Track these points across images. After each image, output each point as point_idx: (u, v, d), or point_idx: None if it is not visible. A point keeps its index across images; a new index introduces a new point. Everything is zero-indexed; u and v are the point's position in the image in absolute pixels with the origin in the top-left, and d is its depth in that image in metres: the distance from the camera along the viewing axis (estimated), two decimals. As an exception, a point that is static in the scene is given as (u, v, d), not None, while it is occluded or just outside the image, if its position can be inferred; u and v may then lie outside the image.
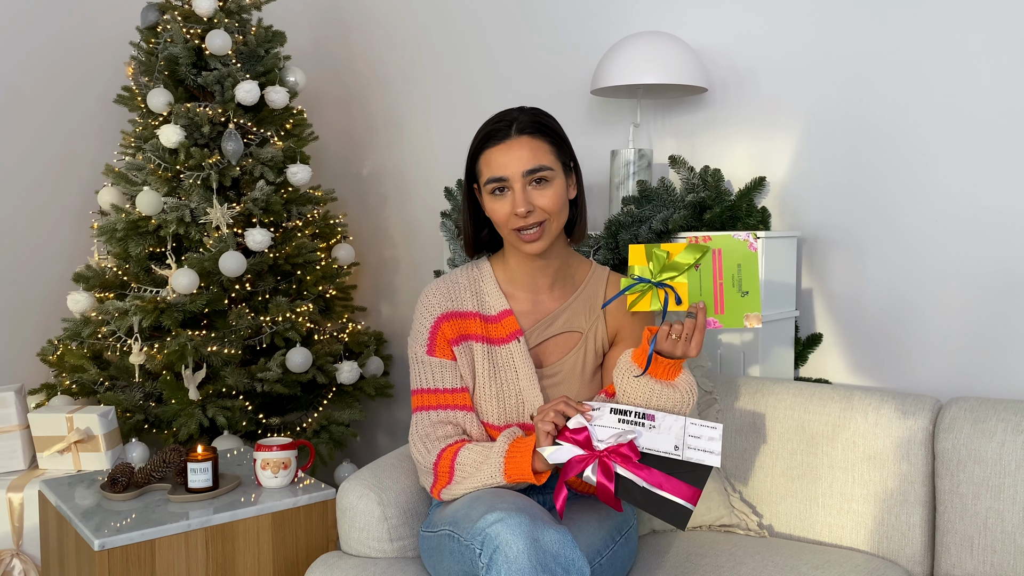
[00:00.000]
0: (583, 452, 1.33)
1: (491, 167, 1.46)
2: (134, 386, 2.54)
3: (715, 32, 2.21)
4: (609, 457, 1.33)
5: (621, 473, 1.34)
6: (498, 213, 1.47)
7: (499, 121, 1.48)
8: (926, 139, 1.89)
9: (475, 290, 1.57)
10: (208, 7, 2.59)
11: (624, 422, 1.37)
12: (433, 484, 1.48)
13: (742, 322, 1.37)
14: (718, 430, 1.35)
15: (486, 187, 1.47)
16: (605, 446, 1.34)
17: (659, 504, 1.33)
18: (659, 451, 1.35)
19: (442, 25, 2.89)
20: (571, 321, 1.56)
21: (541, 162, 1.45)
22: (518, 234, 1.46)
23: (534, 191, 1.45)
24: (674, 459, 1.34)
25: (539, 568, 1.18)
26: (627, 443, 1.34)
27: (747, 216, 2.03)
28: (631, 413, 1.37)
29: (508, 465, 1.38)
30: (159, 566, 1.64)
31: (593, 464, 1.33)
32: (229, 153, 2.53)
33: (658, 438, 1.35)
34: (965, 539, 1.54)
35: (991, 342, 1.82)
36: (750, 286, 1.37)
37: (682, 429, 1.36)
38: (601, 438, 1.35)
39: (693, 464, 1.34)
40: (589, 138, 2.48)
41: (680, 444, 1.35)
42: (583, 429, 1.35)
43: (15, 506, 2.19)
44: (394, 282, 3.12)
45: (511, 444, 1.40)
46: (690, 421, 1.36)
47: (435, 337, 1.53)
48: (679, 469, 1.34)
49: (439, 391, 1.51)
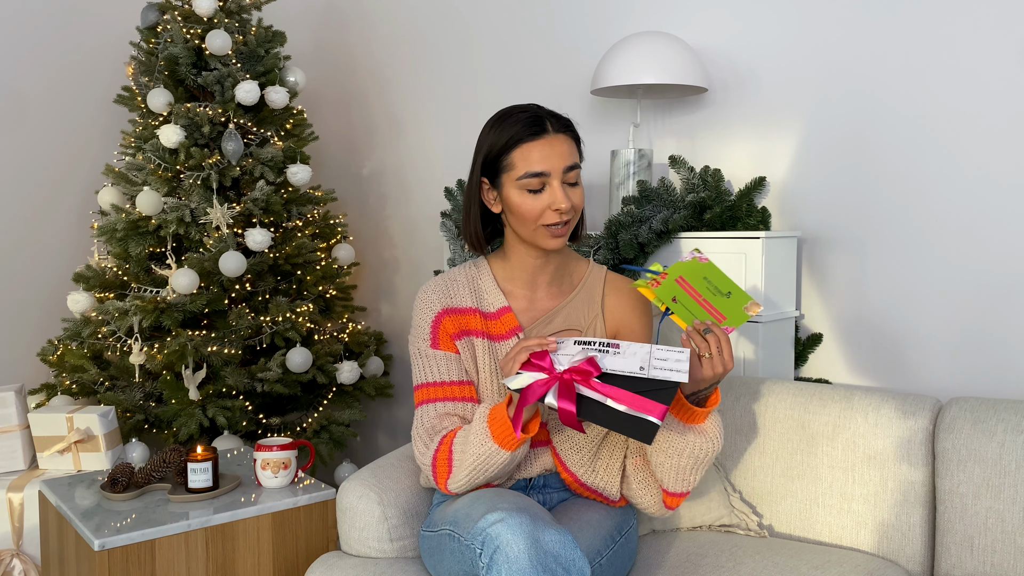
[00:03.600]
0: (544, 376, 1.31)
1: (530, 161, 1.45)
2: (134, 386, 2.54)
3: (715, 32, 2.21)
4: (570, 376, 1.31)
5: (584, 393, 1.30)
6: (530, 208, 1.46)
7: (530, 117, 1.47)
8: (926, 139, 1.89)
9: (473, 287, 1.56)
10: (208, 7, 2.59)
11: (587, 348, 1.34)
12: (436, 478, 1.46)
13: (746, 315, 1.39)
14: (685, 353, 1.31)
15: (520, 181, 1.45)
16: (565, 368, 1.32)
17: (623, 421, 1.29)
18: (623, 371, 1.31)
19: (442, 25, 2.89)
20: (570, 319, 1.56)
21: (576, 160, 1.49)
22: (549, 229, 1.46)
23: (569, 190, 1.47)
24: (639, 378, 1.30)
25: (539, 568, 1.18)
26: (587, 359, 1.31)
27: (747, 216, 2.02)
28: (595, 342, 1.35)
29: (492, 428, 1.37)
30: (159, 566, 1.64)
31: (553, 388, 1.30)
32: (229, 153, 2.53)
33: (623, 361, 1.32)
34: (965, 539, 1.54)
35: (991, 342, 1.83)
36: (727, 287, 1.40)
37: (648, 354, 1.32)
38: (563, 364, 1.33)
39: (659, 382, 1.30)
40: (589, 138, 2.48)
41: (646, 365, 1.31)
42: (544, 354, 1.33)
43: (15, 506, 2.19)
44: (394, 282, 3.12)
45: (491, 409, 1.39)
46: (656, 347, 1.33)
47: (437, 330, 1.53)
48: (643, 386, 1.30)
49: (444, 384, 1.51)
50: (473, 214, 1.55)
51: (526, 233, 1.49)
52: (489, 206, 1.53)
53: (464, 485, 1.42)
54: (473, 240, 1.57)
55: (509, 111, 1.50)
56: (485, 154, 1.50)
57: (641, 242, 1.98)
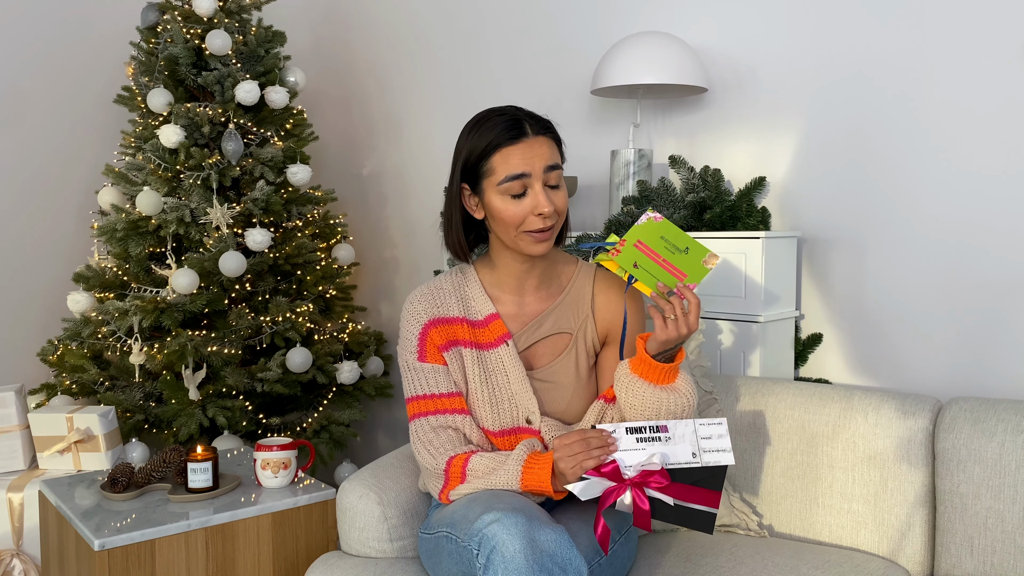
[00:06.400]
0: (614, 483, 1.34)
1: (510, 164, 1.41)
2: (134, 386, 2.54)
3: (715, 32, 2.21)
4: (643, 483, 1.34)
5: (652, 495, 1.35)
6: (512, 213, 1.42)
7: (507, 120, 1.43)
8: (926, 139, 1.89)
9: (460, 295, 1.54)
10: (208, 7, 2.59)
11: (642, 440, 1.38)
12: (443, 488, 1.45)
13: (705, 269, 1.40)
14: (724, 425, 1.39)
15: (501, 186, 1.42)
16: (634, 472, 1.35)
17: (688, 515, 1.36)
18: (680, 463, 1.37)
19: (442, 25, 2.89)
20: (560, 323, 1.54)
21: (556, 160, 1.45)
22: (532, 235, 1.43)
23: (551, 193, 1.44)
24: (693, 467, 1.37)
25: (536, 568, 1.18)
26: (659, 470, 1.34)
27: (747, 216, 2.02)
28: (646, 429, 1.38)
29: (526, 475, 1.37)
30: (159, 566, 1.64)
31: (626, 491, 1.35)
32: (229, 153, 2.53)
33: (676, 449, 1.37)
34: (965, 539, 1.54)
35: (991, 342, 1.82)
36: (684, 243, 1.40)
37: (693, 433, 1.38)
38: (629, 463, 1.36)
39: (711, 468, 1.37)
40: (589, 138, 2.48)
41: (696, 450, 1.38)
42: (611, 461, 1.35)
43: (15, 506, 2.19)
44: (394, 282, 3.12)
45: (531, 455, 1.39)
46: (698, 423, 1.39)
47: (424, 343, 1.51)
48: (697, 475, 1.37)
49: (434, 396, 1.50)
50: (455, 222, 1.51)
51: (509, 239, 1.46)
52: (472, 212, 1.49)
53: (464, 497, 1.43)
54: (456, 248, 1.53)
55: (486, 115, 1.46)
56: (464, 160, 1.46)
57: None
